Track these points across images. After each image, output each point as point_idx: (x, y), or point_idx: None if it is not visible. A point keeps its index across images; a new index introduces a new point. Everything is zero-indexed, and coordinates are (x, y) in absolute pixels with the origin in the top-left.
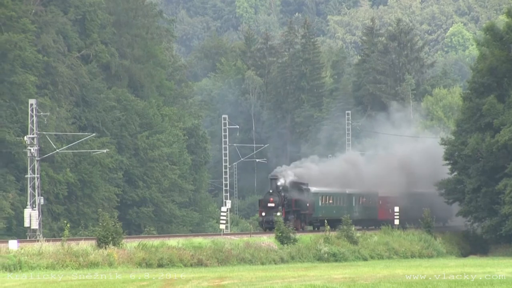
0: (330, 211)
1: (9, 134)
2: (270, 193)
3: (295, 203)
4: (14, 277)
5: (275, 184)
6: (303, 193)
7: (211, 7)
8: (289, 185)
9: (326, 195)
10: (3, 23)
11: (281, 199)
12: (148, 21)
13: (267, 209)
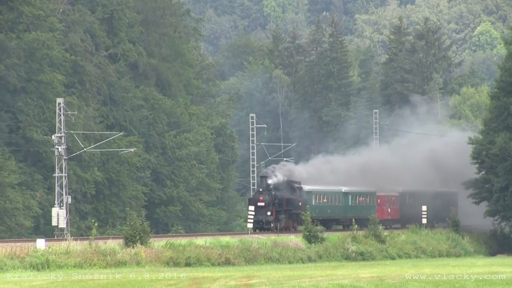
0: (324, 210)
1: (36, 133)
2: (260, 191)
3: (287, 202)
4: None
5: (266, 182)
6: (295, 191)
7: (238, 6)
8: (281, 184)
9: (320, 193)
10: (30, 22)
11: (272, 198)
12: (175, 20)
13: (257, 209)
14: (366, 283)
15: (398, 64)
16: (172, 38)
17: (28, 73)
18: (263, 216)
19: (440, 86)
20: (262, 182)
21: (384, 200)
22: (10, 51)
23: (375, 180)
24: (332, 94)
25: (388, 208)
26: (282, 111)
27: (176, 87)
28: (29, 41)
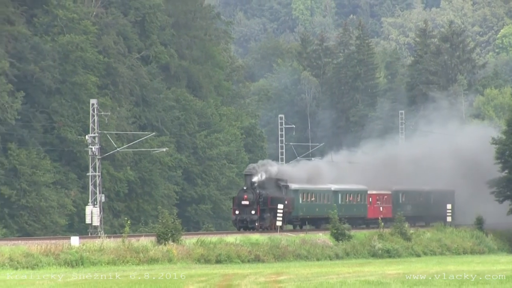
0: (312, 209)
1: (71, 133)
2: (244, 190)
3: (272, 201)
4: (76, 272)
5: (250, 180)
6: (281, 190)
7: (268, 9)
8: (266, 182)
9: (307, 192)
10: (65, 25)
11: (256, 196)
12: (206, 23)
13: (241, 207)
14: (392, 280)
15: (423, 66)
16: (203, 40)
17: (63, 75)
18: (247, 215)
19: (465, 87)
20: (247, 180)
21: (376, 199)
22: (45, 54)
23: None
24: (359, 95)
25: (380, 206)
26: (310, 111)
27: (207, 89)
28: (63, 44)
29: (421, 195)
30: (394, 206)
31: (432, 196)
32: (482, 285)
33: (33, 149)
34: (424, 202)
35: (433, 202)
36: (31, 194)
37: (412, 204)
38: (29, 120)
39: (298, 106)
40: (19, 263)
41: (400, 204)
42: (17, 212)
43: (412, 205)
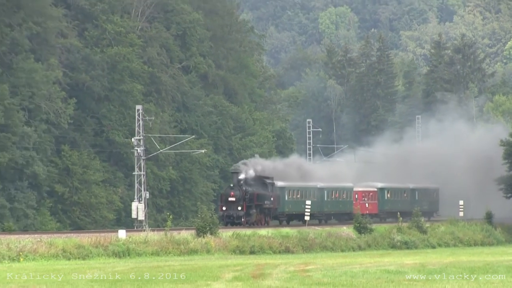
0: (298, 205)
1: (118, 136)
2: (231, 187)
3: (258, 197)
4: (123, 262)
5: (237, 178)
6: (267, 187)
7: (297, 23)
8: (252, 179)
9: (293, 189)
10: (113, 38)
11: (242, 193)
12: (241, 36)
13: (228, 204)
14: (410, 269)
15: (438, 75)
16: (238, 52)
17: (111, 83)
18: (234, 211)
19: (475, 94)
20: (233, 178)
21: (362, 195)
22: (95, 64)
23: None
24: (379, 101)
25: (366, 203)
26: (335, 116)
27: (241, 95)
28: (111, 55)
29: (406, 192)
30: (379, 202)
31: (417, 192)
32: (491, 273)
33: (84, 150)
34: (409, 198)
35: (418, 198)
36: (83, 191)
37: (397, 201)
38: (80, 124)
39: (324, 111)
40: (71, 254)
41: (386, 200)
42: (70, 208)
43: (397, 201)
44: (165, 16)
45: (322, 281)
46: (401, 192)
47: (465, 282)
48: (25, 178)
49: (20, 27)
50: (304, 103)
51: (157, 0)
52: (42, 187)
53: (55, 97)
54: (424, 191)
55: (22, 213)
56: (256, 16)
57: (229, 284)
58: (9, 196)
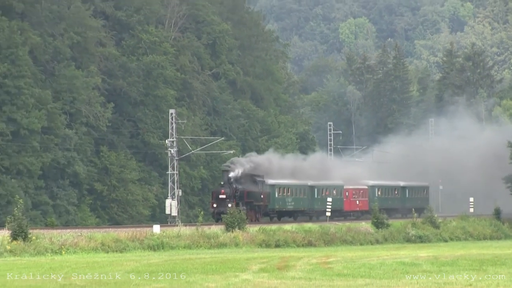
0: (288, 202)
1: (153, 138)
2: (222, 185)
3: (248, 195)
4: (158, 255)
5: (227, 176)
6: (257, 185)
7: (319, 33)
8: (242, 177)
9: (283, 187)
10: (148, 47)
11: (233, 190)
12: (267, 45)
13: (219, 201)
14: (424, 261)
15: (449, 81)
16: (264, 59)
17: (146, 89)
18: (224, 208)
19: (484, 99)
20: (224, 176)
21: (352, 193)
22: (131, 71)
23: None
24: (395, 106)
25: (356, 200)
26: (354, 119)
27: (267, 100)
28: (147, 63)
29: (396, 189)
30: (370, 199)
31: (407, 190)
32: (499, 265)
33: (121, 151)
34: (399, 196)
35: (409, 195)
36: (120, 189)
37: (388, 198)
38: (118, 127)
39: (344, 114)
40: (109, 247)
41: (376, 198)
42: (108, 205)
43: (388, 198)
44: (196, 27)
45: (342, 272)
46: (392, 189)
47: (475, 273)
48: (67, 177)
49: (62, 37)
50: (326, 107)
51: (189, 12)
52: (82, 185)
53: (95, 101)
54: (415, 188)
55: (64, 210)
56: (281, 27)
57: (256, 275)
58: (52, 193)
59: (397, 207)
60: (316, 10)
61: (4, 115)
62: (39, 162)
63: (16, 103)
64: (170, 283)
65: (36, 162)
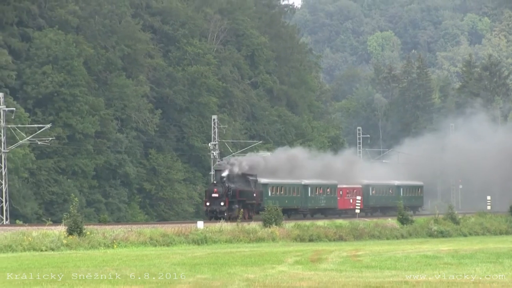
0: (282, 201)
1: (197, 141)
2: (214, 184)
3: (240, 193)
4: (201, 248)
5: (219, 175)
6: (249, 183)
7: (348, 45)
8: (235, 176)
9: (276, 186)
10: (192, 58)
11: (225, 189)
12: (301, 56)
13: (212, 199)
14: (445, 254)
15: (468, 89)
16: (298, 70)
17: (191, 96)
18: (217, 206)
19: (500, 106)
20: (217, 175)
21: (346, 192)
22: (177, 80)
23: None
24: (419, 112)
25: (350, 198)
26: (381, 125)
27: (301, 107)
28: (191, 72)
29: (390, 188)
30: (364, 198)
31: (402, 189)
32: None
33: (168, 153)
34: (394, 194)
35: (403, 194)
36: (167, 188)
37: (382, 197)
38: (165, 131)
39: (372, 120)
40: (157, 242)
41: (370, 196)
42: (156, 202)
43: (382, 197)
44: (237, 40)
45: (371, 264)
46: (386, 188)
47: (492, 265)
48: (118, 177)
49: (114, 49)
50: (355, 113)
51: (230, 26)
52: (132, 185)
53: (144, 108)
54: (409, 187)
55: (115, 207)
56: (314, 40)
57: (291, 267)
58: (104, 192)
59: (392, 206)
60: (346, 24)
61: (60, 121)
62: (92, 164)
63: (72, 109)
64: (212, 274)
65: (90, 164)
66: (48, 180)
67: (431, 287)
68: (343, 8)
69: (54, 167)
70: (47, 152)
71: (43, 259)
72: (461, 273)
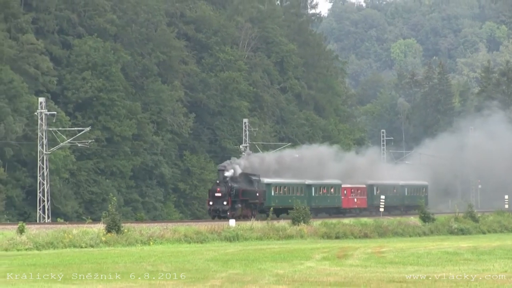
0: (285, 200)
1: (229, 143)
2: (217, 183)
3: (243, 193)
4: (233, 245)
5: (222, 175)
6: (252, 183)
7: (373, 52)
8: (238, 176)
9: (279, 185)
10: (224, 65)
11: (228, 189)
12: (328, 63)
13: (215, 199)
14: (465, 251)
15: (487, 94)
16: (325, 75)
17: (223, 101)
18: (220, 205)
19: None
20: (220, 175)
21: (350, 191)
22: (210, 85)
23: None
24: (440, 116)
25: (354, 198)
26: (404, 128)
27: (328, 111)
28: (223, 78)
29: (395, 188)
30: (369, 197)
31: (406, 189)
32: None
33: (202, 155)
34: (398, 194)
35: (408, 194)
36: (200, 188)
37: (386, 196)
38: (198, 134)
39: (395, 123)
40: (191, 239)
41: (375, 196)
42: (190, 201)
43: (387, 196)
44: (267, 47)
45: (394, 260)
46: (391, 188)
47: (510, 261)
48: (154, 177)
49: (150, 56)
50: (379, 117)
51: (260, 34)
52: (167, 185)
53: (178, 112)
54: (414, 187)
55: (151, 206)
56: (340, 47)
57: (319, 263)
58: (141, 192)
59: (396, 205)
60: (370, 32)
61: (99, 124)
62: (130, 165)
63: (110, 113)
64: (244, 270)
65: (127, 165)
66: (88, 180)
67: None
68: (367, 16)
69: (93, 168)
70: (86, 153)
71: (83, 255)
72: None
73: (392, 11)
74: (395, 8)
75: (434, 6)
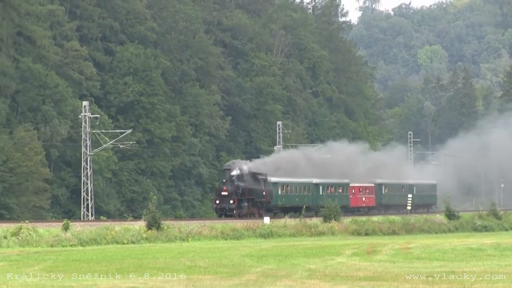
0: (292, 199)
1: (263, 145)
2: (224, 182)
3: (249, 192)
4: (267, 242)
5: (229, 174)
6: (259, 182)
7: (400, 58)
8: (245, 175)
9: (286, 184)
10: (259, 70)
11: (234, 188)
12: (357, 68)
13: (221, 197)
14: (488, 247)
15: (509, 98)
16: (355, 80)
17: (258, 104)
18: (226, 204)
19: None
20: (226, 174)
21: (358, 190)
22: (245, 89)
23: None
24: (464, 118)
25: (363, 197)
26: (430, 130)
27: (358, 114)
28: (258, 83)
29: (403, 187)
30: (377, 196)
31: (415, 188)
32: None
33: (238, 156)
34: (406, 193)
35: (416, 193)
36: None
37: (394, 195)
38: (234, 136)
39: (422, 126)
40: (228, 236)
41: (383, 194)
42: None
43: (395, 195)
44: (299, 53)
45: (421, 256)
46: (399, 187)
47: None
48: (192, 177)
49: (188, 62)
50: (406, 120)
51: (293, 41)
52: (205, 184)
53: (215, 115)
54: (422, 186)
55: (190, 204)
56: (369, 53)
57: (349, 258)
58: (180, 191)
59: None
60: (398, 39)
61: (140, 126)
62: (169, 165)
63: (150, 116)
64: (277, 265)
65: (167, 165)
66: (129, 180)
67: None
68: (395, 24)
69: (134, 168)
70: (128, 154)
71: (125, 251)
72: (503, 264)
73: (419, 19)
74: (421, 16)
75: (458, 14)
